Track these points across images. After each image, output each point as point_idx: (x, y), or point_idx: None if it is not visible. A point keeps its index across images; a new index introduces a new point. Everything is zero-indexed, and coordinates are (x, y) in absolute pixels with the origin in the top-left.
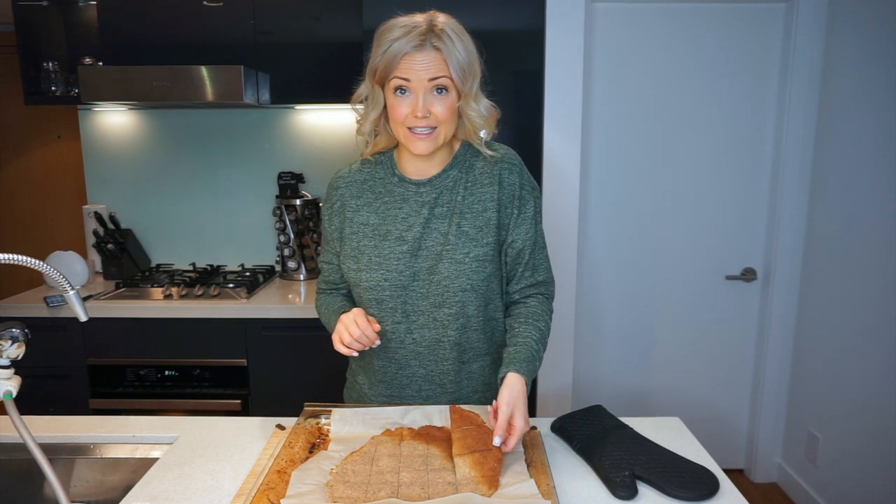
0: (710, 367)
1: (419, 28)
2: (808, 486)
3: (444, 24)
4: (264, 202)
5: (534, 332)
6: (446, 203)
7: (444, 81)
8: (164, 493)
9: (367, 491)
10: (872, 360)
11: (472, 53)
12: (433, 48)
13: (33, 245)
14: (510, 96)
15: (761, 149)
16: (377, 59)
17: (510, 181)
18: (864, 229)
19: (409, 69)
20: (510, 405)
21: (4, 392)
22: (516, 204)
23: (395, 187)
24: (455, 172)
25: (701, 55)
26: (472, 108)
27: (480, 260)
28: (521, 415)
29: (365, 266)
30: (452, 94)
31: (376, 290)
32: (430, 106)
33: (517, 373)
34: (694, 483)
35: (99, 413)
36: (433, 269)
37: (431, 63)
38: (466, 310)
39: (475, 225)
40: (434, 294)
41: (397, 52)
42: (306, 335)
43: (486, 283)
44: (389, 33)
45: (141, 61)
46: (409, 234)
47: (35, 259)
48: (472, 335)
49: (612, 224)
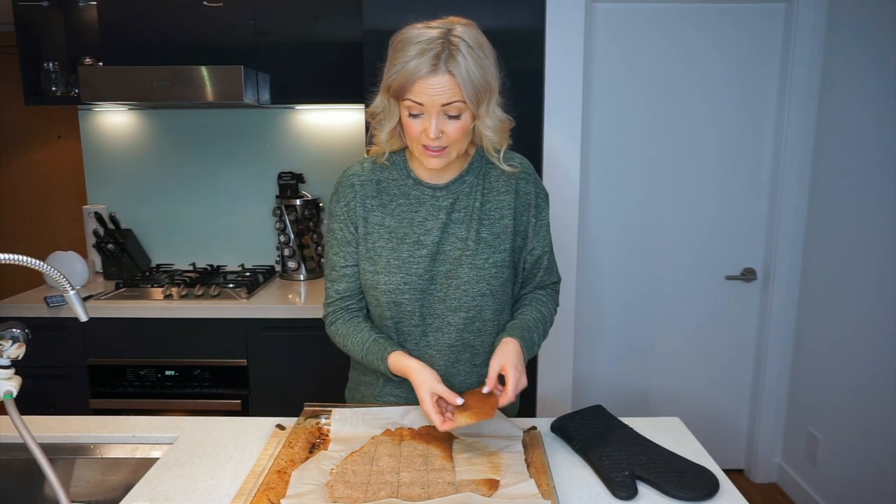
0: (710, 367)
1: (434, 49)
2: (808, 486)
3: (459, 39)
4: (264, 202)
5: (534, 313)
6: (464, 209)
7: (458, 106)
8: (164, 493)
9: (367, 491)
10: (872, 360)
11: (489, 70)
12: (447, 72)
13: (33, 245)
14: (510, 96)
15: (761, 149)
16: (391, 77)
17: (526, 190)
18: (863, 229)
19: (422, 93)
20: (499, 360)
21: (5, 392)
22: (533, 212)
23: (410, 190)
24: (471, 178)
25: (701, 55)
26: (486, 127)
27: (499, 266)
28: (513, 365)
29: (383, 269)
30: (466, 116)
31: (395, 294)
32: (443, 127)
33: (511, 335)
34: (694, 483)
35: (99, 413)
36: (452, 273)
37: (445, 88)
38: (483, 314)
39: (493, 231)
40: (452, 298)
41: (411, 76)
42: (306, 335)
43: (503, 288)
44: (404, 51)
45: (141, 61)
46: (428, 238)
47: (35, 259)
48: (486, 339)
49: (611, 224)
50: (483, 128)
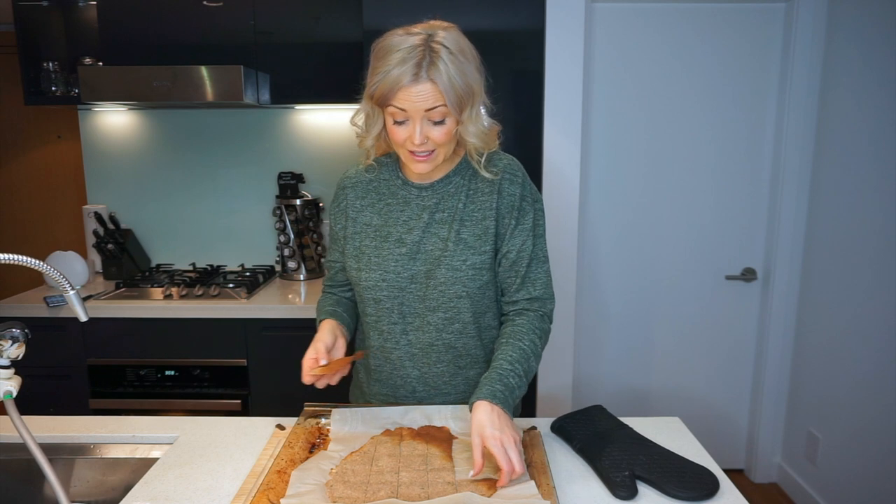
0: (711, 367)
1: (415, 57)
2: (808, 486)
3: (441, 44)
4: (264, 202)
5: (511, 352)
6: (447, 209)
7: (442, 111)
8: (164, 493)
9: (366, 491)
10: (872, 360)
11: (471, 75)
12: (429, 80)
13: (33, 245)
14: (510, 96)
15: (761, 149)
16: (374, 85)
17: (510, 192)
18: (863, 229)
19: (405, 100)
20: (477, 435)
21: (4, 392)
22: (514, 214)
23: (398, 189)
24: (458, 179)
25: (701, 55)
26: (469, 133)
27: (477, 268)
28: (490, 436)
29: (365, 266)
30: (451, 120)
31: (374, 290)
32: (428, 132)
33: (481, 398)
34: (694, 483)
35: (99, 413)
36: (431, 273)
37: (428, 95)
38: (461, 316)
39: (474, 233)
40: (430, 298)
41: (394, 85)
42: (306, 335)
43: (481, 290)
44: (386, 59)
45: (141, 61)
46: (409, 237)
47: (35, 259)
48: (467, 341)
49: (611, 224)
50: (466, 133)
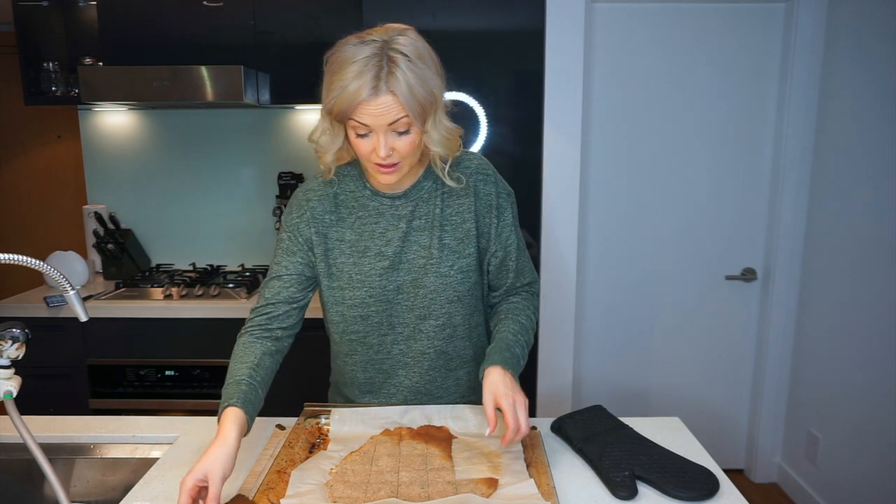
0: (710, 367)
1: (372, 69)
2: (808, 486)
3: (398, 52)
4: (264, 202)
5: (511, 325)
6: (424, 215)
7: (405, 122)
8: (164, 493)
9: (366, 491)
10: (872, 360)
11: (431, 80)
12: (388, 91)
13: (33, 245)
14: (510, 96)
15: (761, 149)
16: (331, 101)
17: (486, 192)
18: (863, 229)
19: (365, 115)
20: (490, 393)
21: (4, 392)
22: (494, 213)
23: (367, 201)
24: (429, 184)
25: (701, 55)
26: (433, 141)
27: (465, 271)
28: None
29: (347, 284)
30: (414, 130)
31: (362, 307)
32: (393, 144)
33: (492, 364)
34: (694, 483)
35: (99, 413)
36: (418, 282)
37: (389, 108)
38: (453, 320)
39: (456, 237)
40: (420, 307)
41: (352, 100)
42: (306, 335)
43: (471, 292)
44: (342, 72)
45: (141, 61)
46: (389, 248)
47: (35, 259)
48: (458, 343)
49: (611, 223)
50: (430, 142)
